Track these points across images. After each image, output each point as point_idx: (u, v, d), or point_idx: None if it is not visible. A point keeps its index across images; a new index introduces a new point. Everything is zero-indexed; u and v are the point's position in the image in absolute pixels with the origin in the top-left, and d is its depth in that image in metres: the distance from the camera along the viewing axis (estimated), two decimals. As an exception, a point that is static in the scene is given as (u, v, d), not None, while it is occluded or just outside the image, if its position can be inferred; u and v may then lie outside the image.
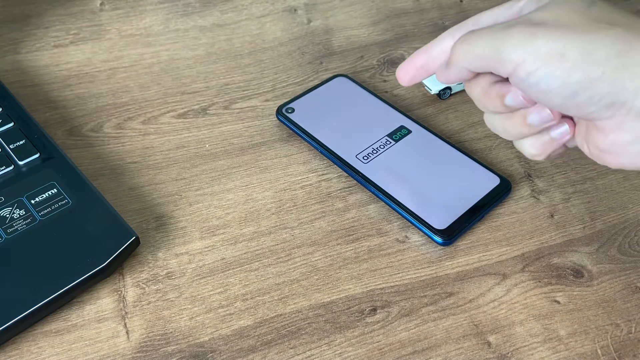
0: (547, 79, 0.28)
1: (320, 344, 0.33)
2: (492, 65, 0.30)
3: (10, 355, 0.32)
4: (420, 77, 0.35)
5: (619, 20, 0.28)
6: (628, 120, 0.27)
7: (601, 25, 0.28)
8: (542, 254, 0.37)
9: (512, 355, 0.33)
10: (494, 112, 0.32)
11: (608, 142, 0.29)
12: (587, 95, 0.27)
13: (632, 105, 0.27)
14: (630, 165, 0.29)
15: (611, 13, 0.28)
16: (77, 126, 0.44)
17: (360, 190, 0.41)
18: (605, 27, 0.27)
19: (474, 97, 0.33)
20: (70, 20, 0.53)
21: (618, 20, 0.28)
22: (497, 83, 0.31)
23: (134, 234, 0.35)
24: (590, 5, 0.29)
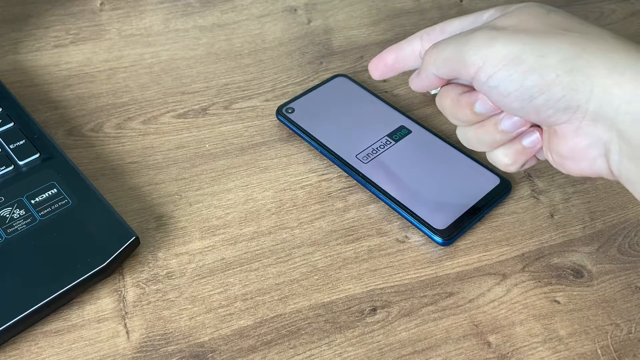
0: (505, 82, 0.28)
1: (320, 344, 0.33)
2: (457, 69, 0.31)
3: (10, 355, 0.32)
4: (389, 74, 0.37)
5: (575, 26, 0.29)
6: (584, 125, 0.28)
7: (558, 30, 0.28)
8: (542, 254, 0.37)
9: (512, 355, 0.33)
10: (466, 123, 0.33)
11: (568, 148, 0.29)
12: (544, 98, 0.28)
13: (587, 108, 0.27)
14: (590, 171, 0.29)
15: (568, 20, 0.29)
16: (77, 126, 0.44)
17: (360, 190, 0.41)
18: (561, 33, 0.28)
19: (446, 109, 0.33)
20: (70, 20, 0.53)
21: (574, 26, 0.29)
22: (465, 93, 0.32)
23: (134, 234, 0.35)
24: (549, 12, 0.29)
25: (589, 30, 0.28)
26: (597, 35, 0.28)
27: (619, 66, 0.26)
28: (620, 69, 0.26)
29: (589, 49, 0.27)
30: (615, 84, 0.26)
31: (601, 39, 0.28)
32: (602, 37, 0.28)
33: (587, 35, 0.28)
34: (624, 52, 0.27)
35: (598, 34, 0.28)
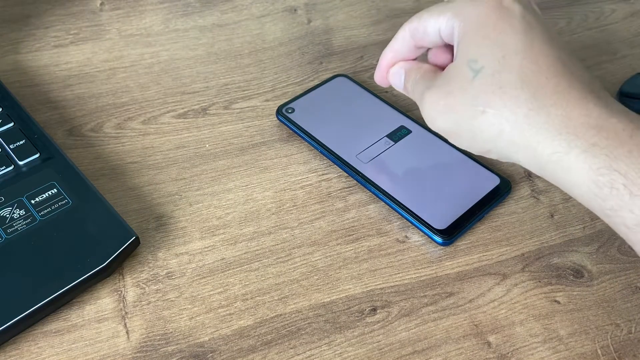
0: None
1: (320, 344, 0.33)
2: None
3: (10, 355, 0.32)
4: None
5: (494, 97, 0.30)
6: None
7: (480, 109, 0.30)
8: (542, 254, 0.37)
9: (512, 355, 0.33)
10: None
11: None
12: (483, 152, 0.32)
13: (518, 159, 0.30)
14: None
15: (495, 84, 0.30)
16: (77, 126, 0.44)
17: (360, 190, 0.41)
18: (484, 112, 0.30)
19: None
20: (70, 20, 0.53)
21: (493, 99, 0.30)
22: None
23: (134, 234, 0.35)
24: (474, 78, 0.31)
25: (513, 93, 0.30)
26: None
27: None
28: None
29: (519, 122, 0.29)
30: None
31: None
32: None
33: (512, 101, 0.30)
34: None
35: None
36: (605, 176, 0.26)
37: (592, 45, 0.53)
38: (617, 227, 0.27)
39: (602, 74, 0.50)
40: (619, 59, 0.52)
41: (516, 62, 0.29)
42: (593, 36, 0.54)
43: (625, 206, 0.26)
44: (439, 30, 0.33)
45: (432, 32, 0.34)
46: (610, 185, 0.26)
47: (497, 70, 0.30)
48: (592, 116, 0.27)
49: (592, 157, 0.27)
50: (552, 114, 0.28)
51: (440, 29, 0.33)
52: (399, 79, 0.37)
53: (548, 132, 0.28)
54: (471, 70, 0.30)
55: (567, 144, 0.27)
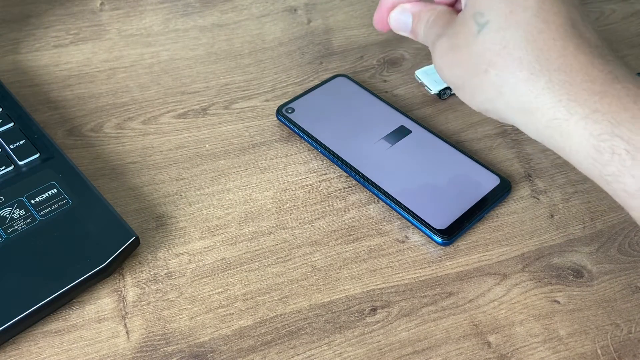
0: None
1: (320, 344, 0.33)
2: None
3: (10, 355, 0.32)
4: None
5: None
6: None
7: (483, 67, 0.29)
8: (542, 254, 0.37)
9: (512, 355, 0.33)
10: None
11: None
12: None
13: (515, 122, 0.30)
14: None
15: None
16: (77, 126, 0.44)
17: (360, 190, 0.41)
18: (486, 71, 0.29)
19: None
20: (70, 20, 0.53)
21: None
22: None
23: (134, 234, 0.35)
24: (479, 33, 0.30)
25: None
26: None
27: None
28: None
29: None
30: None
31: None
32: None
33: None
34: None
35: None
36: (607, 142, 0.26)
37: (592, 45, 0.53)
38: (617, 193, 0.27)
39: (602, 74, 0.50)
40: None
41: (524, 19, 0.28)
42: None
43: (626, 171, 0.26)
44: None
45: None
46: (612, 151, 0.26)
47: (502, 26, 0.28)
48: (597, 82, 0.27)
49: (593, 123, 0.26)
50: (554, 79, 0.27)
51: None
52: (405, 22, 0.35)
53: (548, 98, 0.27)
54: (476, 23, 0.29)
55: (567, 110, 0.27)
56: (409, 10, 0.35)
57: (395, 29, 0.36)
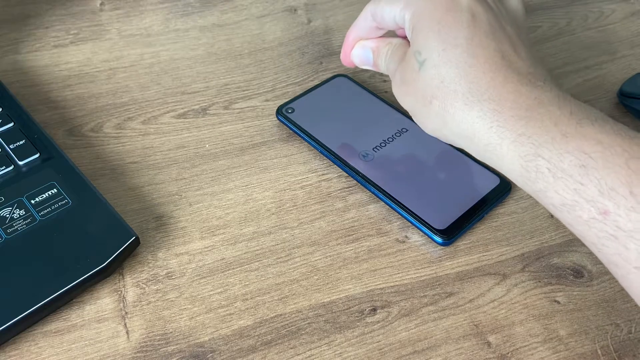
0: None
1: (320, 344, 0.33)
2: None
3: (10, 355, 0.32)
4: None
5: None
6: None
7: (428, 99, 0.32)
8: (542, 254, 0.37)
9: (512, 355, 0.33)
10: None
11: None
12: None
13: (461, 146, 0.33)
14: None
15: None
16: (77, 126, 0.44)
17: (360, 190, 0.41)
18: (431, 102, 0.32)
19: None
20: (70, 20, 0.53)
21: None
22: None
23: (134, 234, 0.35)
24: (419, 70, 0.33)
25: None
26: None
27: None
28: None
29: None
30: None
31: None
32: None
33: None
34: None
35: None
36: (532, 162, 0.28)
37: (592, 45, 0.53)
38: (547, 207, 0.29)
39: (602, 74, 0.50)
40: (619, 59, 0.52)
41: (454, 56, 0.31)
42: (593, 36, 0.54)
43: (550, 187, 0.28)
44: (394, 17, 0.35)
45: (389, 18, 0.35)
46: (537, 170, 0.28)
47: (437, 63, 0.31)
48: (522, 108, 0.29)
49: (519, 145, 0.29)
50: (485, 108, 0.30)
51: (395, 17, 0.35)
52: (366, 56, 0.38)
53: (482, 125, 0.30)
54: (417, 61, 0.32)
55: (498, 135, 0.30)
56: (368, 46, 0.38)
57: (359, 64, 0.40)
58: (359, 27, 0.38)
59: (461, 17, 0.31)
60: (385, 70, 0.37)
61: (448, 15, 0.31)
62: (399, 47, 0.36)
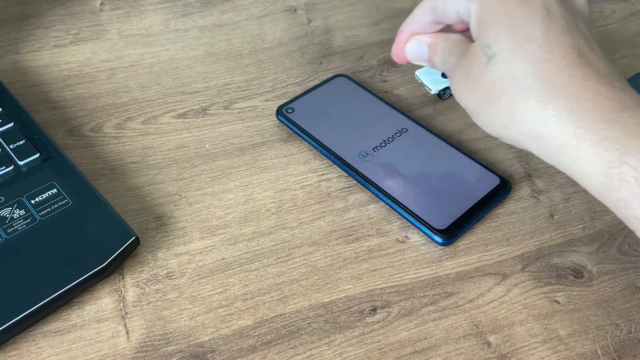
0: None
1: (320, 344, 0.33)
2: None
3: (10, 355, 0.32)
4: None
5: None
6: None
7: (495, 95, 0.30)
8: (542, 254, 0.37)
9: (512, 355, 0.33)
10: None
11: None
12: None
13: (528, 147, 0.31)
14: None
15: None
16: (77, 126, 0.44)
17: (360, 190, 0.41)
18: (499, 99, 0.30)
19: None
20: (70, 20, 0.53)
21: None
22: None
23: (134, 234, 0.35)
24: (488, 64, 0.31)
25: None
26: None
27: None
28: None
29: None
30: None
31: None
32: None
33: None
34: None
35: None
36: (616, 169, 0.26)
37: (592, 45, 0.53)
38: (627, 219, 0.28)
39: (602, 74, 0.50)
40: (619, 59, 0.52)
41: (529, 51, 0.29)
42: (593, 36, 0.54)
43: (634, 198, 0.26)
44: (458, 11, 0.33)
45: (451, 12, 0.33)
46: (620, 178, 0.26)
47: (509, 58, 0.29)
48: (604, 110, 0.27)
49: (603, 150, 0.27)
50: (562, 106, 0.28)
51: (459, 10, 0.33)
52: (421, 52, 0.36)
53: (558, 125, 0.28)
54: (485, 55, 0.30)
55: (576, 137, 0.27)
56: (424, 41, 0.36)
57: (412, 59, 0.37)
58: (414, 21, 0.36)
59: (535, 11, 0.29)
60: (441, 66, 0.35)
61: (521, 9, 0.30)
62: (458, 42, 0.34)
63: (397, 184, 0.39)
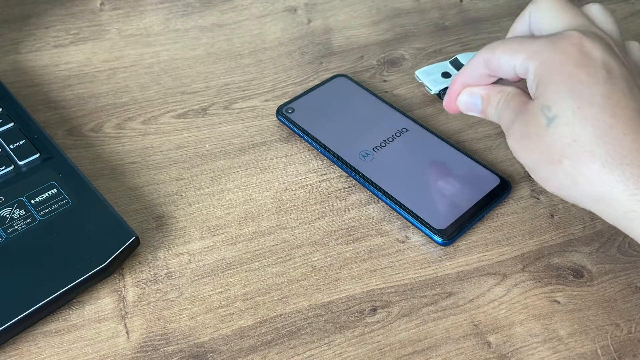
0: None
1: (320, 344, 0.33)
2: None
3: (10, 355, 0.32)
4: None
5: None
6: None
7: (556, 157, 0.30)
8: (542, 254, 0.37)
9: (512, 355, 0.33)
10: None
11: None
12: None
13: (592, 209, 0.30)
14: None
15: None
16: (77, 126, 0.44)
17: (360, 190, 0.41)
18: (560, 161, 0.30)
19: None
20: (70, 20, 0.53)
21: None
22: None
23: (134, 234, 0.35)
24: (548, 126, 0.30)
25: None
26: None
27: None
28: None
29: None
30: None
31: None
32: None
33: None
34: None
35: None
36: None
37: (592, 45, 0.53)
38: None
39: (602, 74, 0.50)
40: (619, 59, 0.51)
41: (591, 115, 0.28)
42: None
43: None
44: (514, 68, 0.32)
45: (507, 68, 0.33)
46: None
47: (571, 121, 0.29)
48: None
49: None
50: (627, 172, 0.28)
51: (515, 67, 0.32)
52: (474, 103, 0.36)
53: (624, 191, 0.28)
54: (545, 117, 0.30)
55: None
56: (477, 93, 0.36)
57: (464, 110, 0.37)
58: (468, 73, 0.36)
59: (596, 73, 0.29)
60: (496, 119, 0.35)
61: (581, 70, 0.29)
62: (513, 96, 0.33)
63: (397, 184, 0.39)
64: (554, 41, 0.30)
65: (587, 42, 0.30)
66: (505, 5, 0.57)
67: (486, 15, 0.55)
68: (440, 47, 0.52)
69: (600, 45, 0.30)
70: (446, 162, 0.41)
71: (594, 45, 0.30)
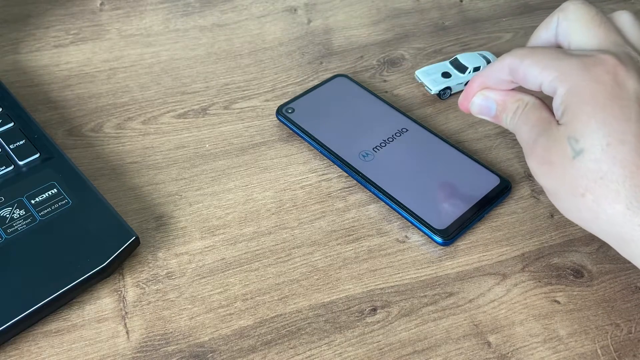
0: None
1: (320, 344, 0.33)
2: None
3: (10, 355, 0.32)
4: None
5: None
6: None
7: (580, 190, 0.29)
8: (542, 254, 0.37)
9: (512, 355, 0.33)
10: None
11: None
12: None
13: (611, 244, 0.30)
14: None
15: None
16: (77, 126, 0.44)
17: (360, 190, 0.41)
18: (583, 195, 0.29)
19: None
20: (70, 20, 0.53)
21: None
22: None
23: (134, 234, 0.35)
24: (574, 158, 0.29)
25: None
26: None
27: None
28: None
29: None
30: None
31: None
32: None
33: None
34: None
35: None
36: None
37: (592, 45, 0.53)
38: None
39: (602, 74, 0.50)
40: (619, 59, 0.51)
41: (621, 154, 0.28)
42: None
43: None
44: (541, 84, 0.31)
45: (533, 82, 0.31)
46: None
47: (598, 158, 0.28)
48: None
49: None
50: None
51: (542, 84, 0.31)
52: (488, 107, 0.35)
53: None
54: (571, 149, 0.29)
55: None
56: (492, 98, 0.35)
57: (476, 113, 0.36)
58: (489, 75, 0.34)
59: (629, 108, 0.28)
60: (511, 128, 0.34)
61: (613, 103, 0.28)
62: (532, 108, 0.32)
63: (397, 184, 0.39)
64: (587, 65, 0.29)
65: (621, 70, 0.29)
66: (505, 5, 0.57)
67: (486, 15, 0.56)
68: (440, 47, 0.52)
69: (634, 74, 0.29)
70: (446, 162, 0.41)
71: (629, 74, 0.29)
